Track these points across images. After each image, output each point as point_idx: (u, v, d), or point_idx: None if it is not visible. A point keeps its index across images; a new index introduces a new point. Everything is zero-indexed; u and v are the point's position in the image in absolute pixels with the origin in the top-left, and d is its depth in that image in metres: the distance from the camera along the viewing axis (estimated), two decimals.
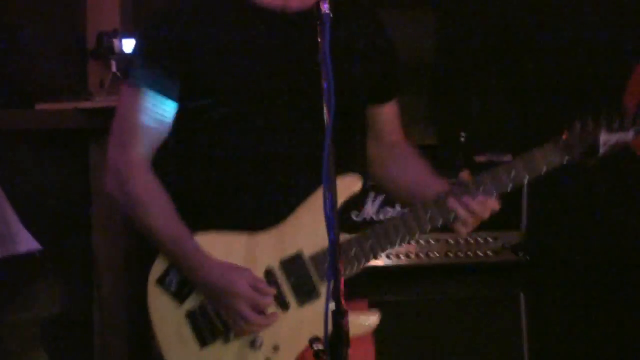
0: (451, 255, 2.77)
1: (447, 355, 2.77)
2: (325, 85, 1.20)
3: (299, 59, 1.55)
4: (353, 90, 1.60)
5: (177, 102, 1.58)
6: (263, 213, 1.57)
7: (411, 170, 1.72)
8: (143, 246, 1.64)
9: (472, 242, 2.77)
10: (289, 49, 1.58)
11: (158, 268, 1.59)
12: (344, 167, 1.47)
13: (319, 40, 1.25)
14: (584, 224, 3.20)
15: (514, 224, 2.80)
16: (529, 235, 2.84)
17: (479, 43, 3.33)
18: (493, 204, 1.57)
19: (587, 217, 3.19)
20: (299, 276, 1.57)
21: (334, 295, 1.14)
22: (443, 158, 2.94)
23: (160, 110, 1.58)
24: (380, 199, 2.66)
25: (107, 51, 2.88)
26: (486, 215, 1.57)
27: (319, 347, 1.26)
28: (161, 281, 1.59)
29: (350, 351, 1.14)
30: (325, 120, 1.19)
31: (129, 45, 2.81)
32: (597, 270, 3.16)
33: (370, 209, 2.67)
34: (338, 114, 1.20)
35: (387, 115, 1.75)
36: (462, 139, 2.98)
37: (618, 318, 3.15)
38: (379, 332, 1.65)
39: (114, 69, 2.88)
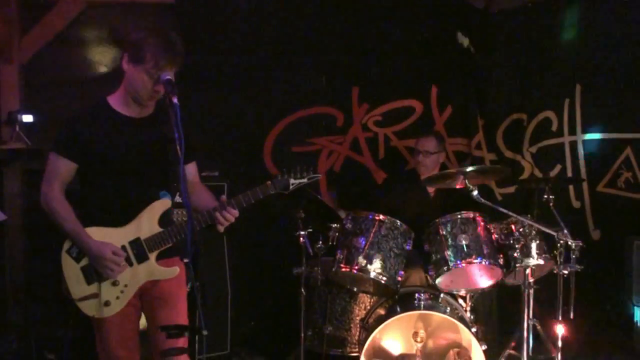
0: None
1: None
2: (177, 136, 2.70)
3: (142, 141, 3.13)
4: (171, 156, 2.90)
5: (76, 162, 3.11)
6: (121, 217, 3.11)
7: (202, 197, 3.26)
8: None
9: None
10: (137, 137, 3.14)
11: (66, 244, 3.10)
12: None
13: (171, 117, 2.78)
14: None
15: None
16: None
17: None
18: (235, 213, 3.10)
19: None
20: (138, 249, 3.12)
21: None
22: None
23: (67, 165, 3.11)
24: None
25: (13, 120, 5.21)
26: (231, 219, 3.11)
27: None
28: (68, 251, 3.10)
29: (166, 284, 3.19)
30: (180, 160, 2.71)
31: (26, 118, 5.21)
32: None
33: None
34: (166, 164, 3.11)
35: (189, 169, 3.32)
36: None
37: None
38: None
39: (17, 129, 5.20)
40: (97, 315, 3.08)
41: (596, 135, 5.58)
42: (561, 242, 4.07)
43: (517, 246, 4.19)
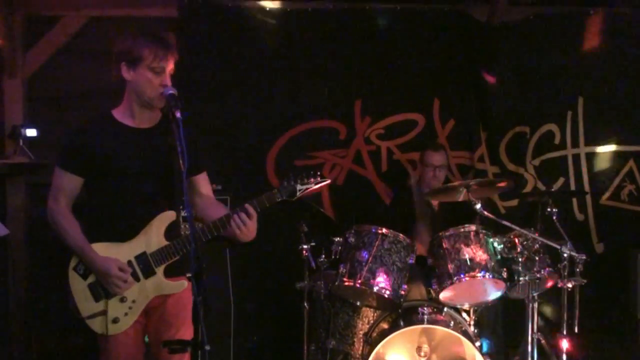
0: None
1: None
2: (179, 150, 2.76)
3: (147, 152, 3.09)
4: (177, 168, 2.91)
5: (81, 176, 3.11)
6: (127, 232, 3.08)
7: (218, 212, 3.14)
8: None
9: None
10: (143, 148, 3.09)
11: (73, 261, 3.09)
12: (170, 206, 3.13)
13: (174, 131, 2.81)
14: None
15: None
16: None
17: None
18: (252, 213, 3.03)
19: None
20: (144, 263, 3.09)
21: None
22: None
23: (72, 179, 3.11)
24: None
25: (17, 135, 5.26)
26: (247, 224, 3.01)
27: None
28: (75, 268, 3.08)
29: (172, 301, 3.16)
30: (183, 174, 2.74)
31: (29, 132, 5.25)
32: None
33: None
34: (172, 176, 3.01)
35: (201, 181, 3.28)
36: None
37: None
38: None
39: (20, 143, 5.28)
40: (106, 333, 3.03)
41: (599, 148, 5.58)
42: (565, 255, 4.06)
43: (520, 260, 4.17)
